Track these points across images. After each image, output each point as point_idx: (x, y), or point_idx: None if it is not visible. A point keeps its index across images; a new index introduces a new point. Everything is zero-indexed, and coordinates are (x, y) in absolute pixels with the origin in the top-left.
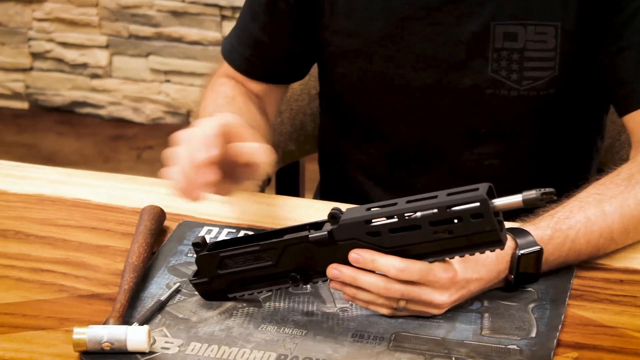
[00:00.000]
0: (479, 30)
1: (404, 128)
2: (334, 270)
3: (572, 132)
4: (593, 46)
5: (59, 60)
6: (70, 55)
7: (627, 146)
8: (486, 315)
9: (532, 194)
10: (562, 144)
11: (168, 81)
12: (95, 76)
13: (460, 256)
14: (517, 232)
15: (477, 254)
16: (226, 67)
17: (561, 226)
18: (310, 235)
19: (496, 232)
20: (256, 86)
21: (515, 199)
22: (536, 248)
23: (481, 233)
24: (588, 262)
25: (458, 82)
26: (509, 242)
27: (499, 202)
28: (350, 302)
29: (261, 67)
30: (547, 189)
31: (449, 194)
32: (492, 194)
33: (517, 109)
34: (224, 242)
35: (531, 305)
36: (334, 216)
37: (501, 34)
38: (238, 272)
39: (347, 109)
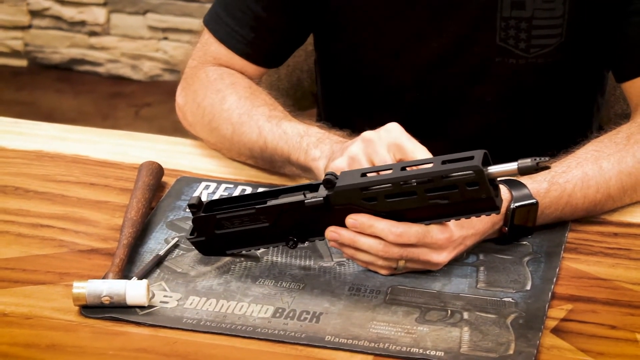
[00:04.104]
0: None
1: (412, 97)
2: (333, 233)
3: (576, 93)
4: (601, 11)
5: (57, 18)
6: (69, 12)
7: (621, 101)
8: (482, 268)
9: (527, 162)
10: (567, 105)
11: (166, 38)
12: (93, 34)
13: (456, 220)
14: (513, 185)
15: None
16: (216, 52)
17: (558, 179)
18: (306, 201)
19: (492, 199)
20: (250, 68)
21: (511, 166)
22: (531, 201)
23: (477, 200)
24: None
25: (467, 52)
26: (505, 194)
27: (494, 169)
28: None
29: (266, 51)
30: (542, 158)
31: (444, 162)
32: (487, 161)
33: (525, 76)
34: (220, 201)
35: (526, 259)
36: (329, 181)
37: (509, 3)
38: (235, 232)
39: (354, 80)
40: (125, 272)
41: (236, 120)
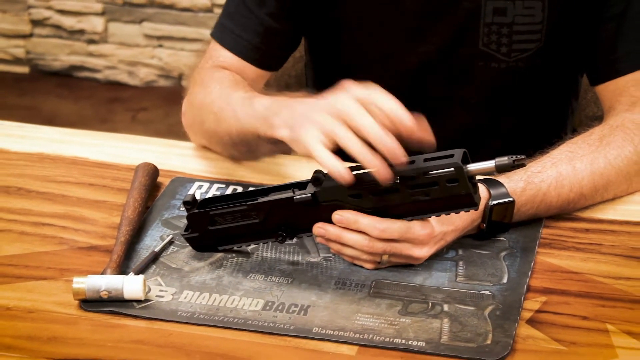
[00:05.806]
0: (471, 6)
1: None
2: (320, 229)
3: (553, 96)
4: (578, 17)
5: (58, 27)
6: (68, 22)
7: (592, 104)
8: (461, 263)
9: (504, 160)
10: (543, 107)
11: (161, 46)
12: (91, 42)
13: (437, 216)
14: (491, 183)
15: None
16: (221, 59)
17: (534, 179)
18: (294, 197)
19: (470, 196)
20: (253, 73)
21: (489, 164)
22: (508, 199)
23: (456, 196)
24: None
25: (451, 56)
26: (483, 193)
27: (473, 167)
28: (333, 252)
29: (270, 54)
30: (518, 156)
31: (425, 159)
32: (466, 159)
33: (506, 79)
34: (213, 199)
35: (503, 254)
36: (317, 179)
37: (491, 9)
38: (227, 228)
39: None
40: (122, 268)
41: (217, 110)
